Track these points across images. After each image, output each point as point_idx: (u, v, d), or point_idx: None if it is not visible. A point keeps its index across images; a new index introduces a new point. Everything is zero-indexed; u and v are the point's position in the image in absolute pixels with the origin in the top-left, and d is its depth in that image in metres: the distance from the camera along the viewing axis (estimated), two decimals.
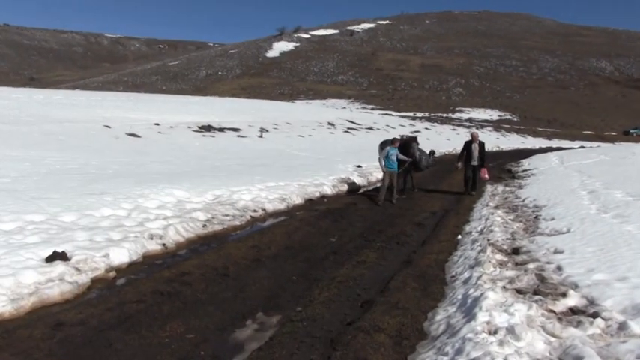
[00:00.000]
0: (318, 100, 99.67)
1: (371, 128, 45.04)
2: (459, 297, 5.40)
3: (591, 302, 4.82)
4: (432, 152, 15.87)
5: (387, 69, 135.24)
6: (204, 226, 8.79)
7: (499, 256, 6.80)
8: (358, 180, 15.81)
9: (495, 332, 4.18)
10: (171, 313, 5.13)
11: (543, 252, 6.83)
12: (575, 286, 5.24)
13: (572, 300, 4.93)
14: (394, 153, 12.62)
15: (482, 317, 4.46)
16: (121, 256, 6.64)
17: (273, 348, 4.39)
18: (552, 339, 4.16)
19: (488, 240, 7.68)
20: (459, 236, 8.77)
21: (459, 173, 15.42)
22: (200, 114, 37.22)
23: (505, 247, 7.38)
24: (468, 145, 14.53)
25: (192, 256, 7.26)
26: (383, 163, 12.58)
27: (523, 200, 11.93)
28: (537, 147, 46.50)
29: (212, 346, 4.47)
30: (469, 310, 4.82)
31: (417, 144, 14.60)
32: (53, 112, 28.47)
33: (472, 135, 15.01)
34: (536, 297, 5.06)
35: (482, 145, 14.44)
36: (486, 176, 14.59)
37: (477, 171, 14.21)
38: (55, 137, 20.03)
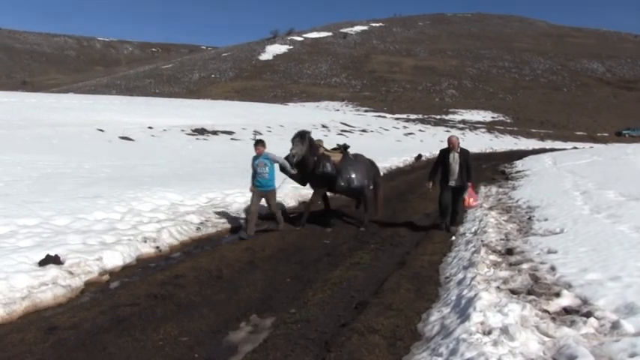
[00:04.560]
0: (312, 102, 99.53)
1: (364, 130, 45.07)
2: (453, 298, 5.41)
3: (585, 302, 4.83)
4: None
5: (380, 71, 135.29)
6: (197, 228, 8.78)
7: (493, 257, 6.82)
8: None
9: (489, 333, 4.18)
10: (165, 316, 5.11)
11: (537, 252, 6.85)
12: (568, 286, 5.26)
13: (566, 300, 4.94)
14: (262, 162, 8.94)
15: (476, 318, 4.46)
16: (115, 259, 6.62)
17: (267, 350, 4.38)
18: (546, 339, 4.17)
19: (482, 241, 7.69)
20: (453, 237, 8.79)
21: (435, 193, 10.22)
22: (193, 117, 37.17)
23: (499, 247, 7.39)
24: (444, 156, 9.60)
25: (185, 259, 7.26)
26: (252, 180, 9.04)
27: (517, 201, 11.97)
28: (530, 148, 46.69)
29: (206, 349, 4.45)
30: (463, 310, 4.82)
31: (305, 141, 9.45)
32: (46, 116, 28.37)
33: (450, 141, 9.60)
34: (530, 297, 5.07)
35: (465, 154, 9.49)
36: (473, 202, 9.66)
37: (458, 195, 9.42)
38: (47, 141, 19.95)
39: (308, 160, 9.44)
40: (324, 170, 9.46)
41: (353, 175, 9.70)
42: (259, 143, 9.09)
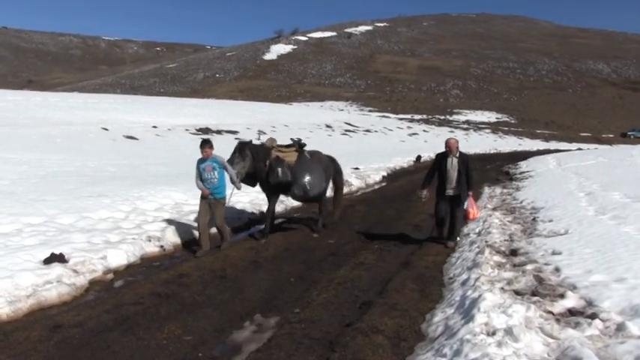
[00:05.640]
0: (316, 102, 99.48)
1: (368, 130, 45.05)
2: (457, 299, 5.39)
3: (589, 303, 4.82)
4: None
5: (384, 71, 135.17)
6: None
7: (497, 258, 6.80)
8: (356, 182, 15.82)
9: (493, 334, 4.17)
10: (169, 315, 5.12)
11: (541, 253, 6.83)
12: (573, 288, 5.24)
13: (571, 301, 4.93)
14: (210, 166, 7.62)
15: (480, 319, 4.45)
16: (119, 258, 6.64)
17: (271, 350, 4.38)
18: (550, 340, 4.16)
19: (486, 242, 7.67)
20: (457, 238, 8.77)
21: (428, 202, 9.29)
22: (198, 116, 37.21)
23: (503, 248, 7.38)
24: (440, 160, 8.42)
25: (189, 258, 7.27)
26: (201, 185, 7.68)
27: (521, 202, 11.93)
28: (535, 149, 46.51)
29: (210, 348, 4.46)
30: (467, 311, 4.81)
31: (246, 155, 8.31)
32: (51, 115, 28.45)
33: (448, 143, 8.33)
34: (535, 298, 5.06)
35: (465, 159, 8.33)
36: (474, 212, 8.37)
37: (455, 205, 8.32)
38: (52, 140, 20.02)
39: (258, 168, 8.50)
40: (277, 179, 8.44)
41: (309, 179, 8.75)
42: (207, 144, 7.62)
